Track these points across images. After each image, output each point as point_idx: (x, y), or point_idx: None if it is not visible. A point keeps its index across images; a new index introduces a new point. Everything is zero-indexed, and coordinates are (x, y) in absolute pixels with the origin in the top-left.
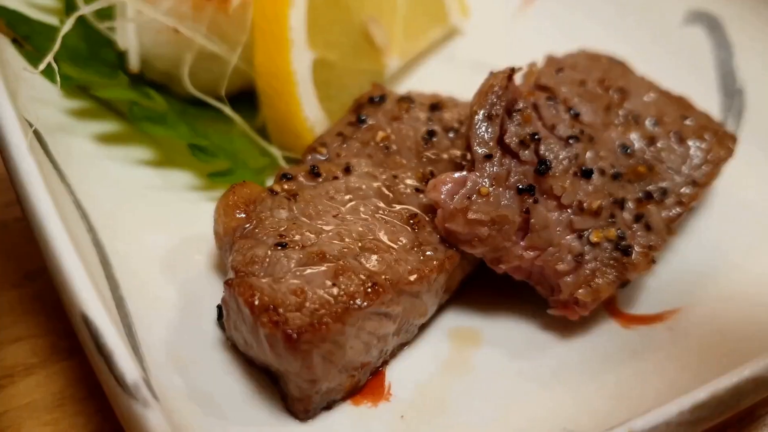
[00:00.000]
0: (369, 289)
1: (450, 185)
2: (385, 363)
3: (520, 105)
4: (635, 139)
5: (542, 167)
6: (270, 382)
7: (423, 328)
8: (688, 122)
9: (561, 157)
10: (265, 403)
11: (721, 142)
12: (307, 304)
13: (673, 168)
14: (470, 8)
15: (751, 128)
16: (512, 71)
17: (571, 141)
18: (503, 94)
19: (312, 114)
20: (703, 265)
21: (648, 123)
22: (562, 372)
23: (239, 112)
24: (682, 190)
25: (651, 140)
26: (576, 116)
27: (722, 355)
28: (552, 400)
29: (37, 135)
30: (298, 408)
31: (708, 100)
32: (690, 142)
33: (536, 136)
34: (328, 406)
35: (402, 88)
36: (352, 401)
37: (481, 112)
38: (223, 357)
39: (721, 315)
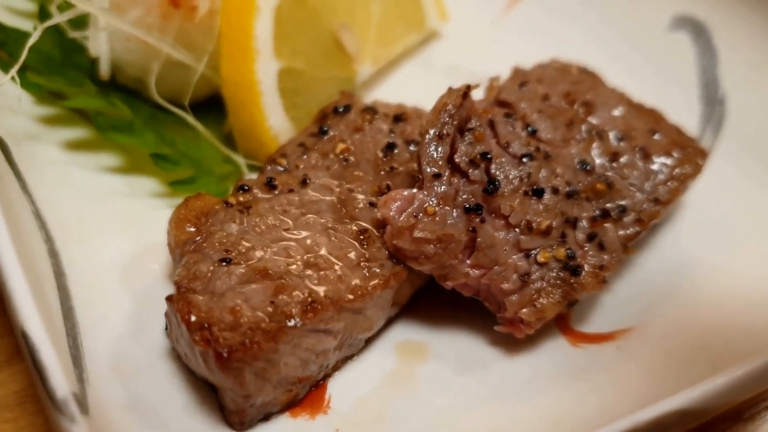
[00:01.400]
0: (307, 308)
1: (399, 202)
2: (327, 376)
3: (473, 123)
4: (597, 155)
5: (491, 187)
6: (211, 393)
7: (370, 341)
8: (657, 137)
9: (512, 176)
10: (204, 414)
11: (690, 158)
12: (242, 322)
13: (635, 185)
14: (449, 12)
15: (729, 140)
16: (468, 89)
17: (524, 159)
18: (456, 112)
19: (277, 123)
20: (664, 284)
21: (613, 138)
22: (503, 390)
23: (208, 118)
24: (644, 207)
25: (614, 156)
26: (533, 133)
27: (664, 379)
28: (489, 418)
29: (2, 144)
30: (234, 420)
31: (689, 109)
32: (656, 158)
33: (487, 156)
34: (266, 418)
35: (376, 93)
36: (291, 413)
37: (432, 130)
38: (169, 367)
39: (672, 337)
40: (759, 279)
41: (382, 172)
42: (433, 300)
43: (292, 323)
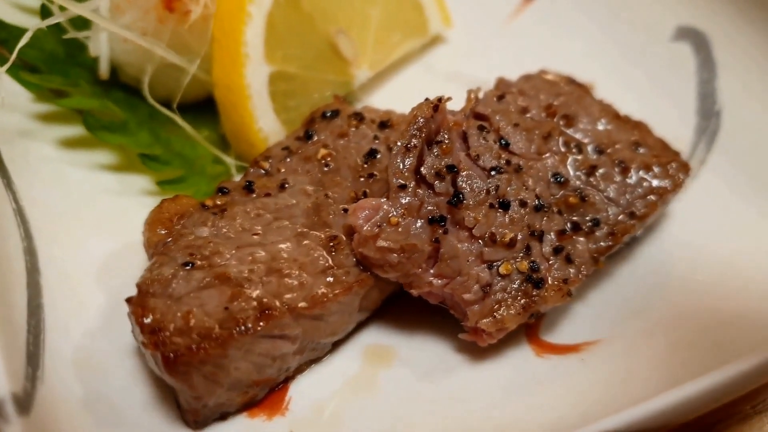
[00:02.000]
0: (259, 315)
1: (367, 211)
2: (290, 378)
3: (442, 136)
4: (573, 168)
5: (455, 199)
6: (171, 392)
7: (339, 344)
8: (639, 150)
9: (478, 188)
10: (163, 412)
11: (672, 173)
12: (191, 326)
13: (611, 198)
14: (452, 18)
15: (722, 153)
16: (439, 101)
17: (493, 172)
18: (425, 124)
19: (266, 125)
20: (639, 298)
21: (591, 151)
22: (459, 397)
23: (204, 119)
24: (618, 220)
25: (591, 169)
26: (506, 146)
27: (620, 394)
28: (441, 425)
29: None
30: (189, 418)
31: (684, 121)
32: (635, 172)
33: (453, 168)
34: (223, 417)
35: (374, 97)
36: (249, 413)
37: (400, 142)
38: (134, 365)
39: (636, 351)
40: (734, 296)
41: (362, 179)
42: (405, 306)
43: (242, 329)
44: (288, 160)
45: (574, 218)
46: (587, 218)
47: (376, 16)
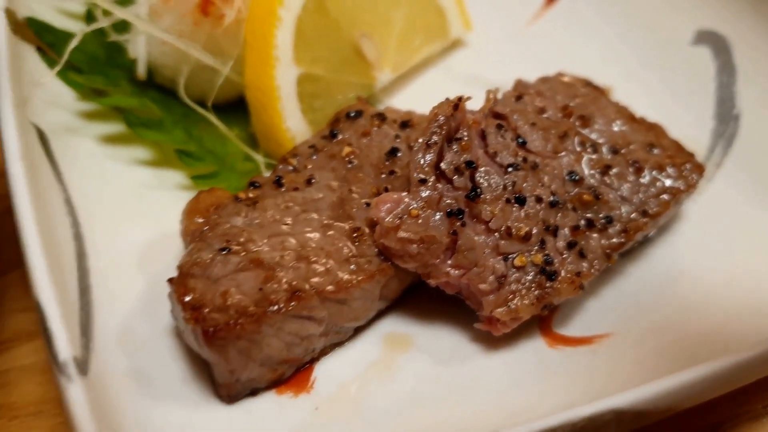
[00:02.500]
0: (291, 296)
1: (389, 204)
2: (315, 360)
3: (462, 134)
4: (588, 167)
5: (473, 193)
6: (206, 368)
7: (359, 330)
8: (654, 151)
9: (495, 184)
10: (198, 386)
11: (685, 174)
12: (229, 304)
13: (625, 197)
14: (473, 22)
15: (738, 157)
16: (459, 100)
17: (510, 168)
18: (445, 122)
19: (294, 125)
20: (650, 293)
21: (606, 151)
22: (474, 383)
23: (235, 119)
24: (631, 218)
25: (606, 168)
26: (522, 144)
27: (630, 383)
28: (453, 410)
29: (42, 137)
30: (223, 392)
31: (701, 124)
32: (648, 172)
33: (472, 164)
34: (253, 393)
35: (395, 99)
36: (277, 391)
37: (422, 139)
38: (171, 342)
39: (646, 344)
40: (745, 294)
41: (383, 176)
42: (422, 296)
43: (274, 308)
44: (314, 157)
45: (588, 215)
46: (601, 215)
47: (399, 20)
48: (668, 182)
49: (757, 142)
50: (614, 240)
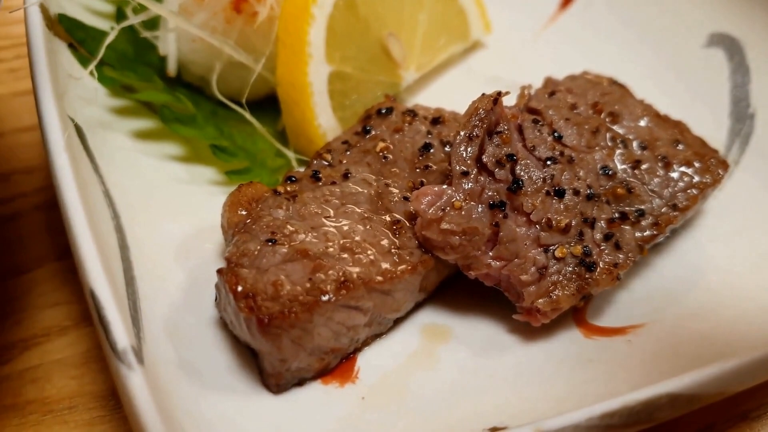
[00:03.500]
0: (340, 285)
1: (430, 197)
2: (358, 350)
3: (502, 127)
4: (619, 161)
5: (514, 186)
6: (252, 359)
7: (399, 322)
8: (680, 147)
9: (535, 177)
10: (244, 376)
11: (711, 168)
12: (282, 294)
13: (655, 191)
14: (493, 24)
15: (755, 154)
16: (499, 95)
17: (548, 162)
18: (486, 116)
19: (325, 122)
20: (679, 285)
21: (636, 146)
22: (515, 372)
23: (265, 115)
24: (662, 212)
25: (636, 163)
26: (558, 139)
27: (667, 371)
28: (497, 397)
29: (79, 131)
30: (271, 382)
31: (718, 124)
32: (676, 167)
33: (513, 157)
34: (300, 383)
35: (418, 98)
36: (322, 380)
37: (463, 132)
38: (216, 333)
39: (680, 333)
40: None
41: (418, 170)
42: (459, 288)
43: (326, 298)
44: (348, 153)
45: (622, 208)
46: (634, 208)
47: (423, 21)
48: (696, 177)
49: None
50: (647, 233)
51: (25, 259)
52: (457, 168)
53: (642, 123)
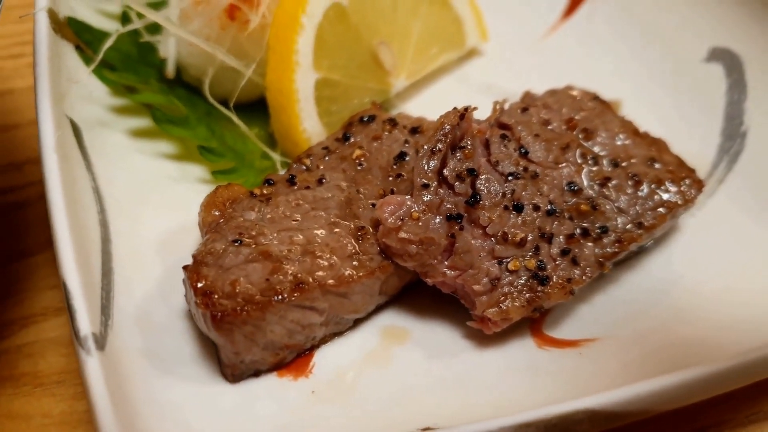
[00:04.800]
0: (295, 287)
1: (392, 206)
2: (315, 347)
3: (465, 142)
4: (587, 178)
5: (472, 199)
6: (214, 349)
7: (360, 322)
8: (654, 165)
9: (495, 191)
10: (205, 366)
11: (683, 189)
12: (238, 292)
13: (621, 209)
14: (492, 32)
15: (741, 174)
16: (465, 110)
17: (510, 177)
18: (451, 131)
19: (310, 126)
20: (642, 301)
21: (607, 163)
22: (462, 377)
23: (257, 117)
24: (626, 229)
25: (605, 180)
26: (525, 154)
27: (613, 386)
28: (439, 399)
29: (76, 130)
30: (227, 372)
31: (708, 140)
32: (646, 186)
33: (473, 172)
34: (256, 374)
35: (410, 104)
36: (278, 373)
37: (427, 146)
38: (184, 325)
39: (633, 350)
40: (733, 308)
41: (390, 178)
42: (422, 293)
43: (278, 298)
44: (327, 158)
45: (584, 224)
46: (596, 225)
47: (417, 29)
48: (665, 196)
49: (761, 161)
50: (608, 249)
51: (30, 244)
52: (418, 180)
53: (618, 140)
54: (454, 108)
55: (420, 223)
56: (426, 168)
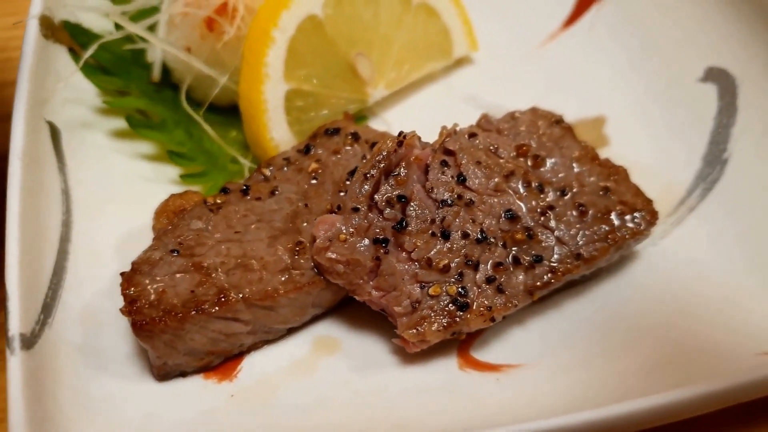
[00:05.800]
0: (217, 300)
1: (327, 225)
2: (244, 352)
3: (399, 169)
4: (529, 207)
5: (399, 225)
6: None
7: (294, 330)
8: (607, 195)
9: (424, 217)
10: (138, 364)
11: (635, 220)
12: (162, 302)
13: (561, 238)
14: (485, 42)
15: (715, 204)
16: (403, 138)
17: (443, 204)
18: (386, 157)
19: (279, 135)
20: (578, 330)
21: (553, 192)
22: (379, 392)
23: (235, 122)
24: (562, 259)
25: (548, 209)
26: (462, 181)
27: (519, 417)
28: (350, 412)
29: (54, 132)
30: (155, 372)
31: (688, 165)
32: (592, 216)
33: (403, 198)
34: (183, 374)
35: (391, 114)
36: (204, 375)
37: (361, 170)
38: (127, 324)
39: (551, 381)
40: (667, 346)
41: (341, 193)
42: (360, 305)
43: (199, 309)
44: (285, 169)
45: (517, 253)
46: (531, 254)
47: (399, 40)
48: (611, 227)
49: (736, 191)
50: (540, 279)
51: None
52: (349, 204)
53: (572, 168)
54: (401, 132)
55: (346, 245)
56: (357, 192)
